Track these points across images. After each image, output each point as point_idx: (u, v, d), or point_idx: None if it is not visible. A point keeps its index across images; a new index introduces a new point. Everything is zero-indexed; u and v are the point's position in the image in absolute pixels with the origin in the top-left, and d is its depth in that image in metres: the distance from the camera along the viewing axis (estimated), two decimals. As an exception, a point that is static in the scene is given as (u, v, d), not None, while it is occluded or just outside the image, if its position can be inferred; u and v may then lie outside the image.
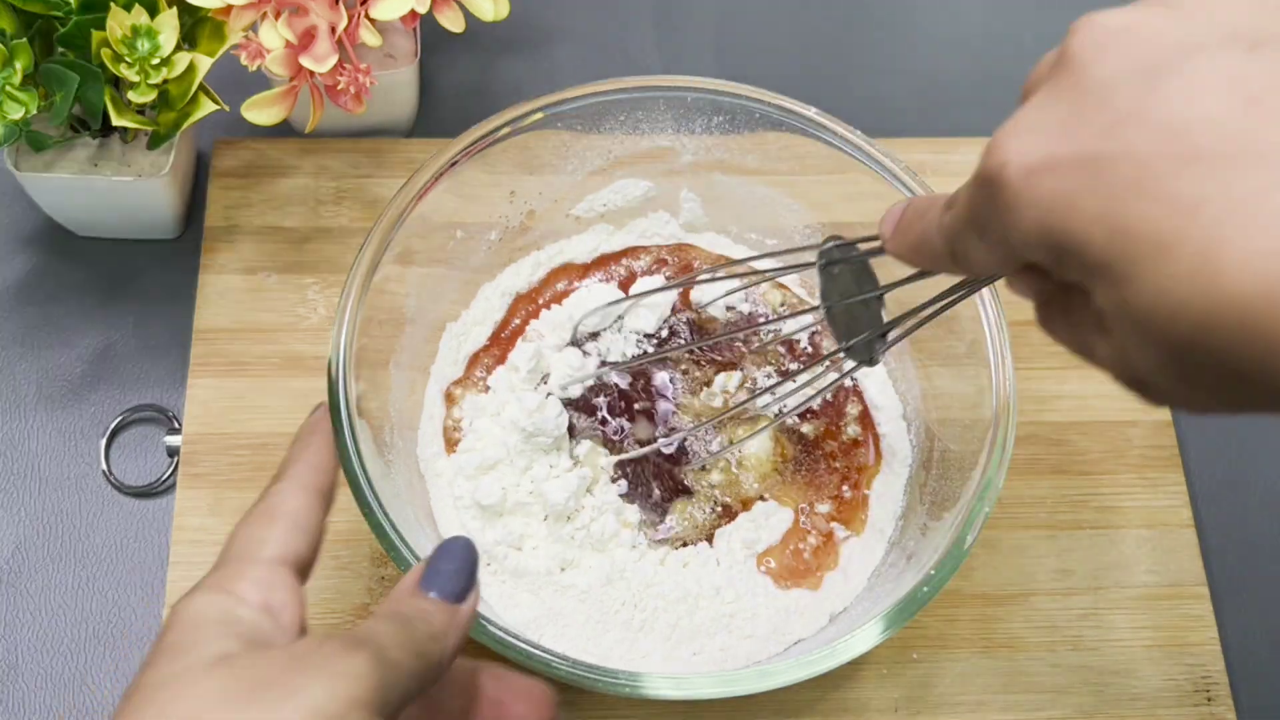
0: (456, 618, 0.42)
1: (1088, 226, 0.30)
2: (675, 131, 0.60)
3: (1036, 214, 0.31)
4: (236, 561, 0.43)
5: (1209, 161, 0.28)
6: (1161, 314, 0.29)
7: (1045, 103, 0.32)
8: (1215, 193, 0.28)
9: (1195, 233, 0.28)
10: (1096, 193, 0.30)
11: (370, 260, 0.53)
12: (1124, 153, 0.29)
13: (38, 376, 0.63)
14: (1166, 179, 0.28)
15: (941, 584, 0.48)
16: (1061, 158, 0.31)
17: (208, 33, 0.59)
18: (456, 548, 0.43)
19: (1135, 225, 0.29)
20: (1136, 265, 0.29)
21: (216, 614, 0.40)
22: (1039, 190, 0.31)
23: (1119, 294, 0.30)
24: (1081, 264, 0.30)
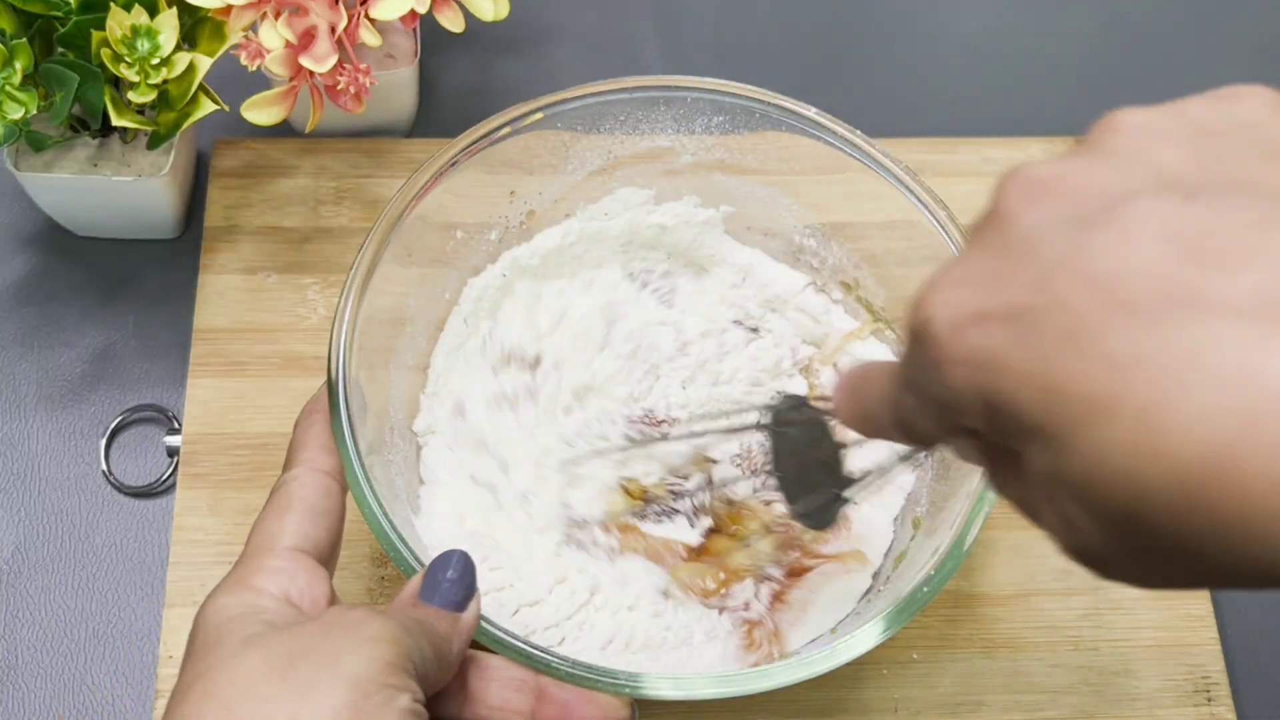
0: (460, 625, 0.43)
1: (1018, 386, 0.27)
2: (675, 131, 0.60)
3: (965, 371, 0.29)
4: (255, 556, 0.43)
5: (1145, 315, 0.26)
6: (1099, 481, 0.26)
7: (973, 256, 0.30)
8: (1152, 349, 0.25)
9: (1132, 394, 0.25)
10: (1027, 349, 0.27)
11: (370, 260, 0.53)
12: (1054, 306, 0.27)
13: (37, 376, 0.63)
14: (1100, 334, 0.26)
15: (942, 584, 0.48)
16: (989, 311, 0.28)
17: (208, 33, 0.59)
18: (452, 559, 0.44)
19: (1068, 385, 0.26)
20: (1071, 428, 0.26)
21: (239, 609, 0.41)
22: (967, 346, 0.29)
23: (1054, 459, 0.27)
24: (1015, 425, 0.28)
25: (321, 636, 0.39)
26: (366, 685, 0.37)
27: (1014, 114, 0.74)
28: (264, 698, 0.36)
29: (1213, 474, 0.24)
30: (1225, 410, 0.24)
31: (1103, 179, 0.29)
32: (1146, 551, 0.27)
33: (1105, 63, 0.77)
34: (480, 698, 0.44)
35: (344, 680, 0.37)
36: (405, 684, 0.38)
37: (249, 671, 0.37)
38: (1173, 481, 0.25)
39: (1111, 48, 0.78)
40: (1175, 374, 0.25)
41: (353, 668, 0.37)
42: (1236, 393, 0.24)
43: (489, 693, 0.44)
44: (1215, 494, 0.25)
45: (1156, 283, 0.26)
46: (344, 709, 0.36)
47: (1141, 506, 0.26)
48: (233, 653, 0.38)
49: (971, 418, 0.30)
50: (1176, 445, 0.25)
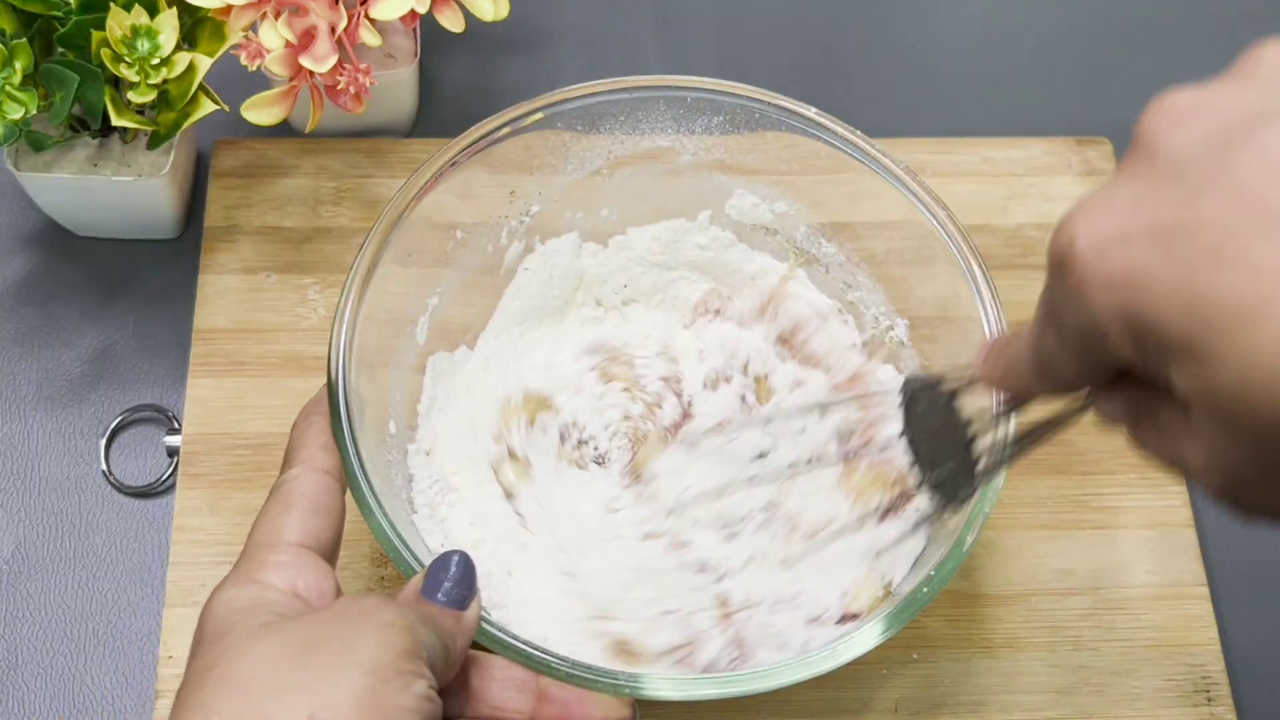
0: (462, 624, 0.43)
1: (1164, 301, 0.28)
2: (675, 131, 0.60)
3: (1109, 292, 0.29)
4: (259, 552, 0.43)
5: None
6: (1247, 391, 0.27)
7: (1118, 181, 0.31)
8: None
9: (1278, 297, 0.26)
10: (1173, 264, 0.28)
11: (370, 260, 0.53)
12: (1200, 222, 0.28)
13: (37, 376, 0.63)
14: (1246, 246, 0.27)
15: (942, 584, 0.48)
16: (1134, 231, 0.29)
17: (208, 33, 0.59)
18: (453, 559, 0.44)
19: (1215, 295, 0.27)
20: (1218, 338, 0.27)
21: (247, 601, 0.41)
22: (1110, 265, 0.29)
23: (1201, 374, 0.28)
24: (1160, 344, 0.29)
25: (336, 624, 0.39)
26: (383, 671, 0.37)
27: (1014, 114, 0.74)
28: (282, 684, 0.36)
29: None
30: None
31: (1244, 102, 0.29)
32: None
33: (1106, 62, 0.77)
34: (481, 697, 0.44)
35: (361, 666, 0.37)
36: (420, 670, 0.38)
37: (266, 657, 0.37)
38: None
39: (1112, 47, 0.78)
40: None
41: (369, 654, 0.37)
42: None
43: (490, 692, 0.44)
44: None
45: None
46: (362, 694, 0.36)
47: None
48: (248, 639, 0.38)
49: (1115, 344, 0.30)
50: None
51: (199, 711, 0.36)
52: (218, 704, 0.36)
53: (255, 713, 0.36)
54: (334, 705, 0.36)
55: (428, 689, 0.38)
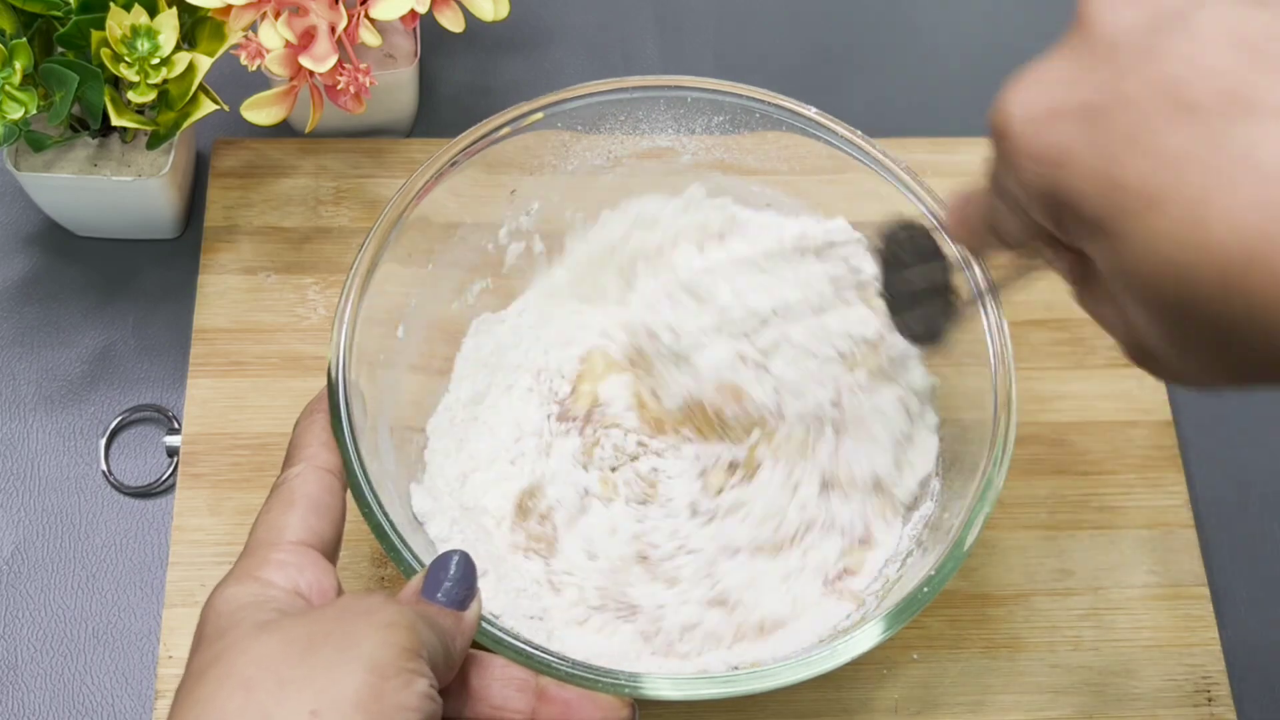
0: (462, 624, 0.43)
1: (1083, 181, 0.29)
2: (675, 132, 0.60)
3: (1036, 166, 0.31)
4: (260, 550, 0.43)
5: (1204, 115, 0.27)
6: (1150, 271, 0.28)
7: (1055, 57, 0.32)
8: (1205, 146, 0.27)
9: (1183, 188, 0.27)
10: (1093, 146, 0.29)
11: (370, 260, 0.53)
12: (1122, 104, 0.29)
13: (37, 376, 0.63)
14: (1160, 132, 0.28)
15: (941, 584, 0.48)
16: (1063, 109, 0.30)
17: (207, 33, 0.59)
18: (453, 559, 0.44)
19: (1128, 179, 0.28)
20: (1127, 221, 0.28)
21: (249, 599, 0.41)
22: (1039, 142, 0.31)
23: (1112, 251, 0.29)
24: (1078, 220, 0.30)
25: (338, 621, 0.39)
26: (385, 669, 0.37)
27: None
28: (284, 679, 0.36)
29: (1253, 262, 0.26)
30: (1268, 204, 0.26)
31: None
32: (1196, 343, 0.29)
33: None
34: (482, 697, 0.44)
35: (363, 663, 0.37)
36: (421, 669, 0.38)
37: (268, 653, 0.37)
38: (1216, 269, 0.27)
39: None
40: (1225, 169, 0.27)
41: (371, 651, 0.37)
42: (1275, 181, 0.26)
43: (490, 692, 0.44)
44: (1255, 281, 0.26)
45: (1219, 84, 0.27)
46: (364, 691, 0.36)
47: (1189, 293, 0.28)
48: (250, 635, 0.38)
49: (1039, 215, 0.32)
50: (1221, 234, 0.27)
51: (199, 707, 0.36)
52: (219, 700, 0.36)
53: (257, 709, 0.36)
54: (336, 702, 0.36)
55: (428, 688, 0.38)
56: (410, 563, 0.47)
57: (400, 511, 0.51)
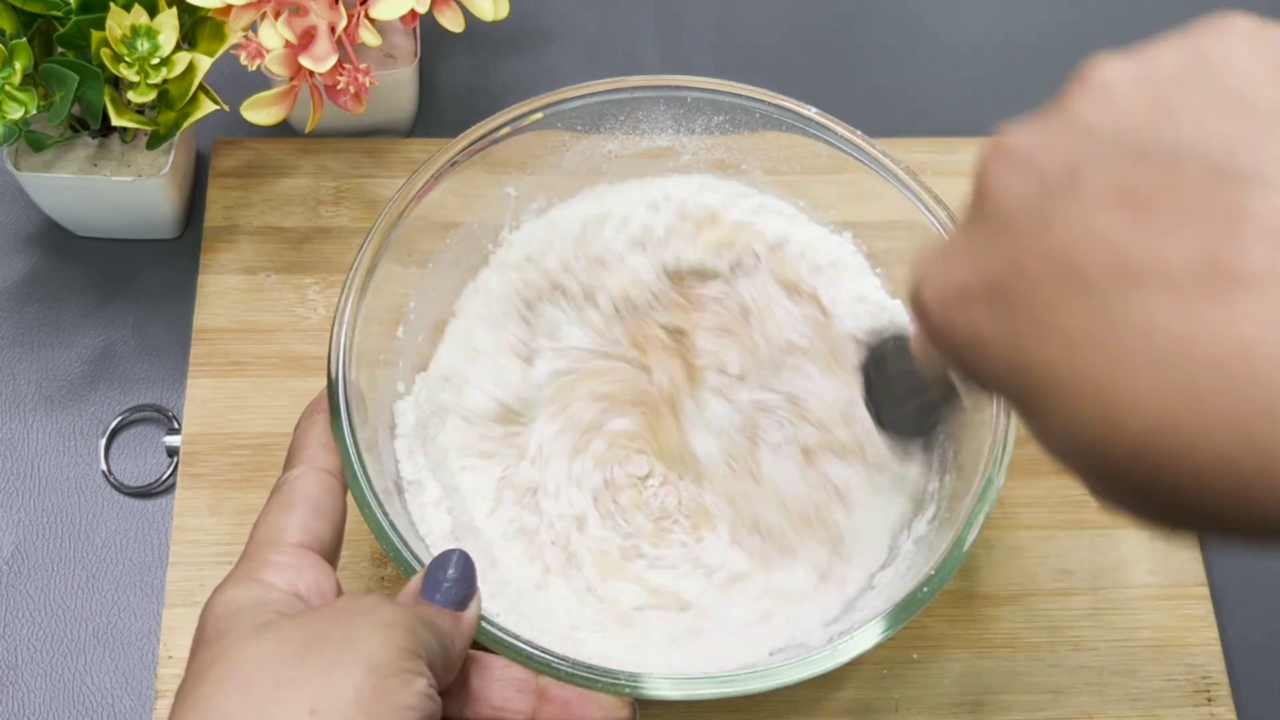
0: (461, 625, 0.43)
1: (996, 363, 0.29)
2: (675, 131, 0.60)
3: (952, 350, 0.30)
4: (260, 552, 0.44)
5: (1096, 289, 0.26)
6: (1068, 448, 0.28)
7: (961, 232, 0.31)
8: (1101, 325, 0.26)
9: (1086, 371, 0.26)
10: (1001, 327, 0.29)
11: (370, 260, 0.53)
12: (1023, 281, 0.28)
13: (37, 376, 0.63)
14: (1059, 310, 0.27)
15: (941, 584, 0.48)
16: (970, 289, 0.29)
17: (207, 33, 0.59)
18: (452, 559, 0.44)
19: (1033, 363, 0.28)
20: (1039, 402, 0.28)
21: (248, 600, 0.41)
22: (951, 324, 0.30)
23: (1033, 426, 0.29)
24: (1001, 393, 0.30)
25: (336, 621, 0.39)
26: (384, 669, 0.37)
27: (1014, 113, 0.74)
28: (282, 679, 0.36)
29: (1163, 446, 0.25)
30: (1166, 386, 0.25)
31: (1065, 147, 0.29)
32: (1123, 502, 0.28)
33: (1105, 63, 0.77)
34: (482, 698, 0.44)
35: (361, 663, 0.37)
36: (420, 669, 0.38)
37: (266, 653, 0.37)
38: (1132, 454, 0.26)
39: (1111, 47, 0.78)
40: (1122, 350, 0.26)
41: (369, 651, 0.37)
42: (1175, 368, 0.25)
43: (490, 693, 0.44)
44: (1169, 464, 0.26)
45: (1107, 254, 0.26)
46: (363, 690, 0.36)
47: (1108, 469, 0.27)
48: (248, 636, 0.38)
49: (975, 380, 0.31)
50: (1129, 419, 0.26)
51: (198, 708, 0.36)
52: (217, 701, 0.36)
53: (255, 709, 0.36)
54: (334, 702, 0.36)
55: (427, 687, 0.38)
56: (410, 562, 0.47)
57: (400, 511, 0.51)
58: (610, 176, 0.61)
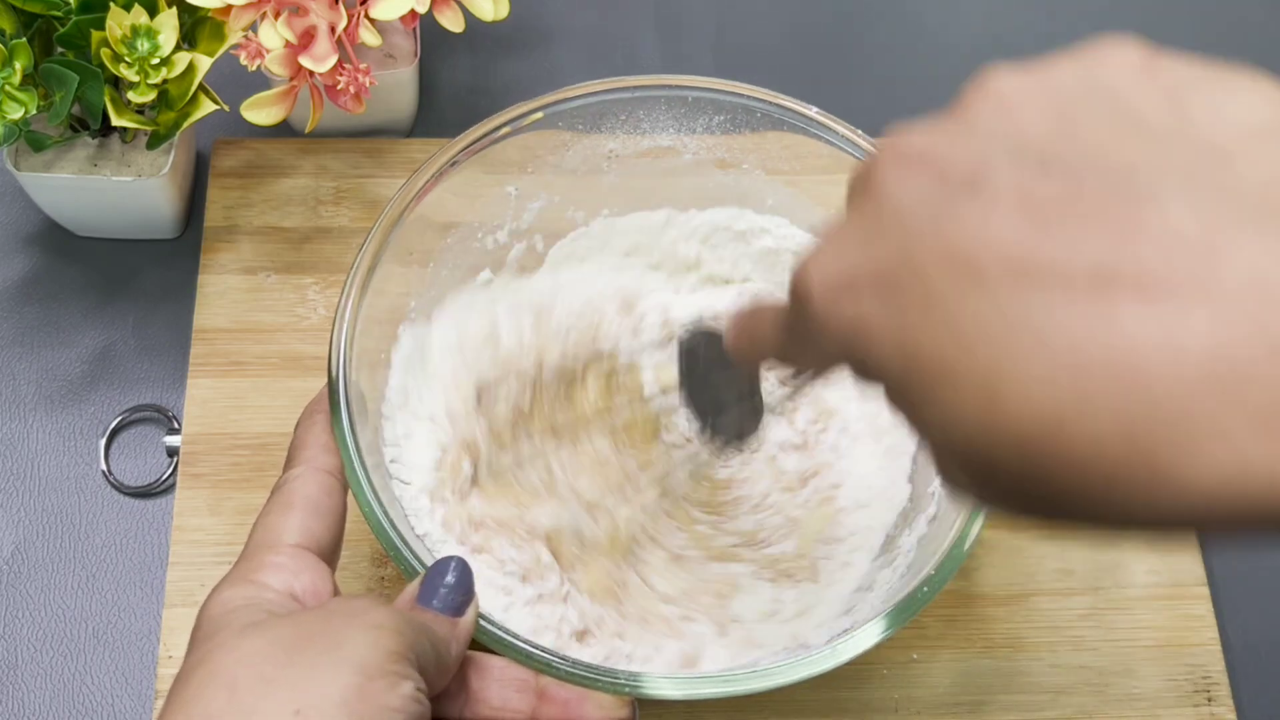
0: (458, 629, 0.43)
1: (882, 351, 0.29)
2: (676, 131, 0.60)
3: (840, 337, 0.30)
4: (258, 552, 0.44)
5: (991, 284, 0.27)
6: (953, 442, 0.28)
7: (850, 224, 0.31)
8: (994, 319, 0.26)
9: (976, 363, 0.27)
10: (889, 318, 0.29)
11: (370, 260, 0.53)
12: (915, 275, 0.28)
13: (37, 376, 0.63)
14: (951, 305, 0.27)
15: (941, 584, 0.48)
16: (858, 280, 0.30)
17: (207, 33, 0.59)
18: (450, 565, 0.44)
19: (922, 352, 0.28)
20: (925, 394, 0.28)
21: (242, 601, 0.41)
22: (838, 313, 0.30)
23: (916, 417, 0.29)
24: (881, 382, 0.30)
25: (324, 622, 0.39)
26: (371, 670, 0.37)
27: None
28: (268, 679, 0.36)
29: (1046, 441, 0.26)
30: (1055, 383, 0.25)
31: (965, 152, 0.29)
32: (998, 500, 0.29)
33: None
34: (482, 698, 0.44)
35: (348, 664, 0.37)
36: (408, 672, 0.38)
37: (252, 654, 0.37)
38: (1013, 447, 0.26)
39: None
40: (1013, 346, 0.26)
41: (356, 652, 0.37)
42: (1066, 366, 0.25)
43: (490, 693, 0.44)
44: (1050, 459, 0.26)
45: (1005, 252, 0.27)
46: (349, 691, 0.36)
47: (988, 462, 0.27)
48: (235, 636, 0.38)
49: (851, 367, 0.31)
50: (1014, 413, 0.26)
51: (186, 708, 0.36)
52: (203, 700, 0.36)
53: (240, 709, 0.36)
54: (320, 702, 0.36)
55: (415, 690, 0.38)
56: (410, 562, 0.47)
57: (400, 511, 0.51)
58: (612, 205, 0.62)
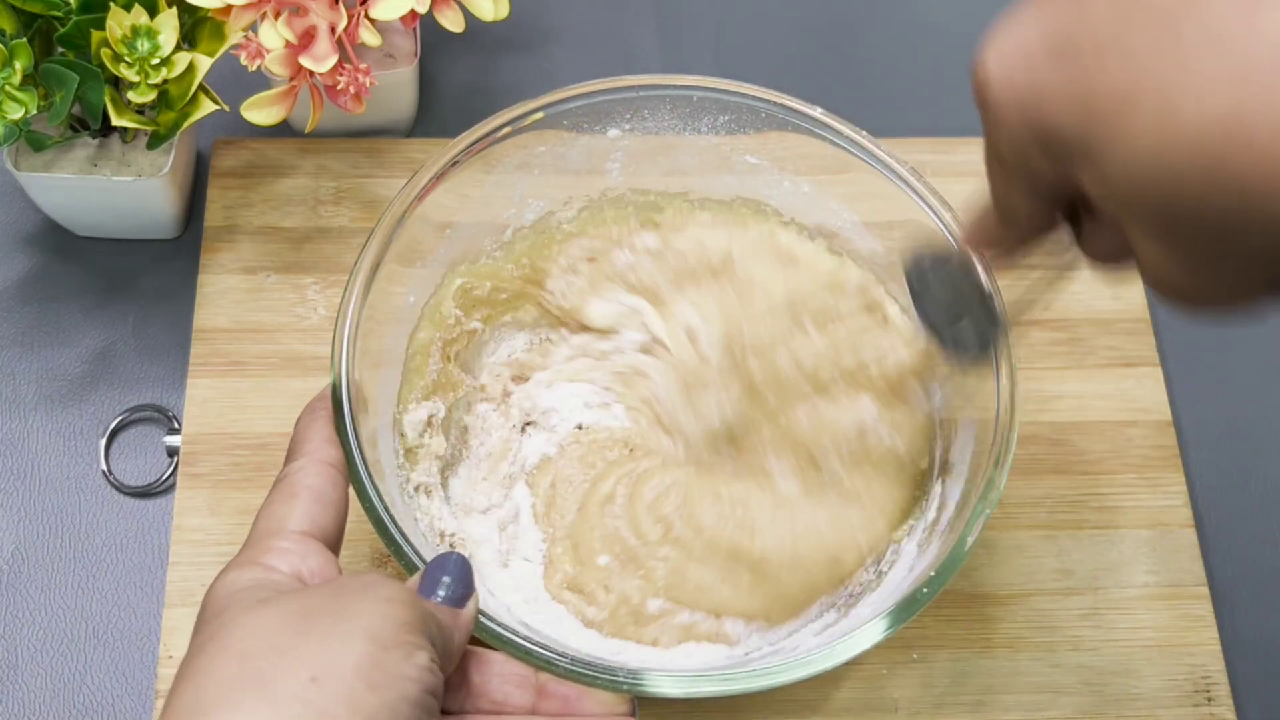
0: (459, 620, 0.43)
1: (1061, 105, 0.30)
2: (680, 130, 0.59)
3: (1019, 111, 0.32)
4: (264, 539, 0.44)
5: (1161, 11, 0.28)
6: (1135, 175, 0.29)
7: (1019, 6, 0.33)
8: (1168, 40, 0.28)
9: (1151, 82, 0.28)
10: (1066, 72, 0.30)
11: (373, 260, 0.53)
12: (1086, 25, 0.30)
13: (37, 376, 0.63)
14: (1124, 37, 0.29)
15: (942, 584, 0.48)
16: (1034, 49, 0.31)
17: (208, 33, 0.59)
18: (450, 561, 0.44)
19: (1099, 89, 0.29)
20: (1105, 128, 0.29)
21: (249, 582, 0.41)
22: (1017, 85, 0.32)
23: (1098, 170, 0.30)
24: (1065, 149, 0.31)
25: (335, 596, 0.39)
26: (385, 640, 0.37)
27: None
28: (281, 649, 0.36)
29: (1228, 140, 0.27)
30: (1230, 80, 0.27)
31: None
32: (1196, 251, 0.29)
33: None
34: (482, 692, 0.44)
35: (362, 634, 0.37)
36: (422, 643, 0.38)
37: (264, 625, 0.37)
38: (1194, 157, 0.28)
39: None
40: (1188, 56, 0.28)
41: (370, 623, 0.37)
42: (1237, 58, 0.27)
43: (490, 687, 0.44)
44: (1231, 161, 0.27)
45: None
46: (364, 660, 0.36)
47: (1175, 191, 0.28)
48: (247, 610, 0.38)
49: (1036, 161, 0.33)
50: (1194, 119, 0.27)
51: (197, 679, 0.36)
52: (214, 669, 0.36)
53: (253, 676, 0.36)
54: (336, 669, 0.36)
55: (429, 661, 0.38)
56: (411, 558, 0.47)
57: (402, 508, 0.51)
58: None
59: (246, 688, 0.35)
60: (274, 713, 0.35)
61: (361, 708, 0.36)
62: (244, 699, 0.35)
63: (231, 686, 0.36)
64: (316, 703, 0.35)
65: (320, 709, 0.35)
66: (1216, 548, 0.62)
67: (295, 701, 0.35)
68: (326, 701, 0.35)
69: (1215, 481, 0.64)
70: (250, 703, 0.35)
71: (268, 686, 0.35)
